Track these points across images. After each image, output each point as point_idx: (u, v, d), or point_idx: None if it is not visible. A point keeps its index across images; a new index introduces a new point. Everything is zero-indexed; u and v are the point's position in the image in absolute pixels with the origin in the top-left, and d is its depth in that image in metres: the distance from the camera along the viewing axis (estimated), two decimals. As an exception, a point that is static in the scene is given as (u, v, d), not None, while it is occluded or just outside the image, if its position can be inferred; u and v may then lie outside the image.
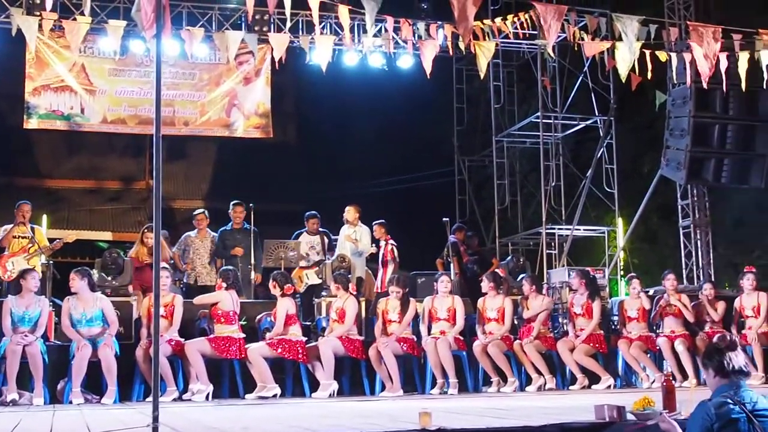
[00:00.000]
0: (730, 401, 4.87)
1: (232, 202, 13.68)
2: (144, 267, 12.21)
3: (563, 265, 16.33)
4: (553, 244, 17.66)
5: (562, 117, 18.18)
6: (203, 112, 16.35)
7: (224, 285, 10.72)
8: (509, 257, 15.34)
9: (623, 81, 11.25)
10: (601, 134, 17.72)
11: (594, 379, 11.30)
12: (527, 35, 16.20)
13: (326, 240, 13.53)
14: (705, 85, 7.74)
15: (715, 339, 5.17)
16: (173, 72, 16.13)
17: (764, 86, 11.66)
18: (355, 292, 11.45)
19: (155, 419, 4.89)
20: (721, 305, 12.06)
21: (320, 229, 13.51)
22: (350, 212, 13.25)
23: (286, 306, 10.64)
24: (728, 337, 5.11)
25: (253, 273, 13.03)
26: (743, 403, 4.87)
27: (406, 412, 6.81)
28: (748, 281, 12.05)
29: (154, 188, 5.25)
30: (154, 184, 5.26)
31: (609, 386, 11.17)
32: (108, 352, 9.83)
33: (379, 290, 12.98)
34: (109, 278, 11.69)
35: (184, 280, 13.03)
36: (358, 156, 22.76)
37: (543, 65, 17.74)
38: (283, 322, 10.55)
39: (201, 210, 13.72)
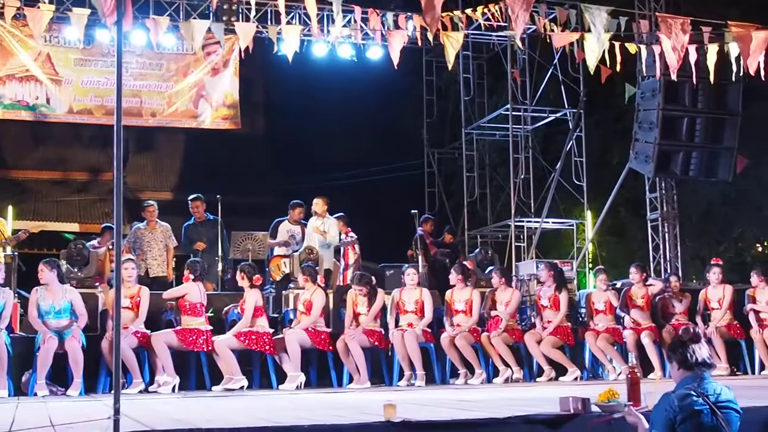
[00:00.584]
0: (693, 393, 4.87)
1: (189, 197, 13.60)
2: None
3: (532, 258, 16.35)
4: (522, 236, 17.67)
5: (531, 109, 18.19)
6: (170, 103, 16.25)
7: (192, 277, 10.65)
8: (477, 249, 15.35)
9: (591, 73, 11.24)
10: (571, 127, 17.75)
11: (561, 371, 11.31)
12: (497, 27, 16.19)
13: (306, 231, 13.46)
14: (674, 77, 7.74)
15: (680, 332, 5.18)
16: (140, 62, 16.02)
17: (732, 79, 11.70)
18: (323, 284, 11.42)
19: (116, 411, 4.83)
20: (687, 298, 12.15)
21: (302, 221, 13.42)
22: (318, 204, 13.17)
23: (254, 298, 10.59)
24: (692, 330, 5.12)
25: (219, 264, 12.97)
26: (706, 395, 4.88)
27: (372, 405, 6.77)
28: (714, 274, 12.13)
29: (114, 179, 5.17)
30: (114, 175, 5.18)
31: (575, 378, 11.19)
32: (75, 344, 9.73)
33: (341, 284, 12.94)
34: (75, 270, 11.58)
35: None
36: (327, 148, 22.75)
37: (513, 57, 17.73)
38: (251, 314, 10.50)
39: (151, 202, 13.58)
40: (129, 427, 5.04)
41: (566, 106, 17.84)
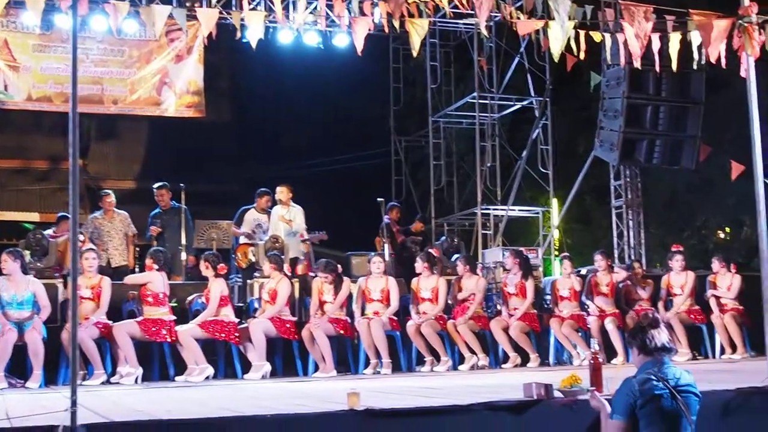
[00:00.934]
0: (653, 378, 4.92)
1: (154, 186, 13.49)
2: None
3: (498, 245, 16.38)
4: (488, 224, 17.72)
5: (498, 98, 18.22)
6: (133, 90, 16.09)
7: (155, 266, 10.57)
8: (443, 237, 15.35)
9: (556, 61, 11.23)
10: (537, 115, 17.79)
11: (527, 358, 11.35)
12: (464, 14, 16.15)
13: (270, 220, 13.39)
14: (637, 65, 7.75)
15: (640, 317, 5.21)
16: (101, 48, 15.83)
17: (695, 68, 11.70)
18: (290, 273, 11.39)
19: (73, 403, 4.77)
20: (650, 284, 12.23)
21: (269, 209, 13.34)
22: (283, 192, 13.08)
23: (219, 287, 10.53)
24: (651, 316, 5.17)
25: (184, 254, 12.89)
26: (666, 379, 4.92)
27: (336, 393, 6.75)
28: (676, 261, 12.24)
29: (70, 167, 5.10)
30: (70, 163, 5.12)
31: (538, 364, 11.23)
32: (36, 336, 9.60)
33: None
34: (34, 260, 11.43)
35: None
36: (293, 136, 22.67)
37: (480, 45, 17.73)
38: (216, 304, 10.44)
39: (108, 191, 13.46)
40: (87, 418, 4.98)
41: (532, 95, 17.86)
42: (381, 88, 20.96)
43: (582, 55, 7.57)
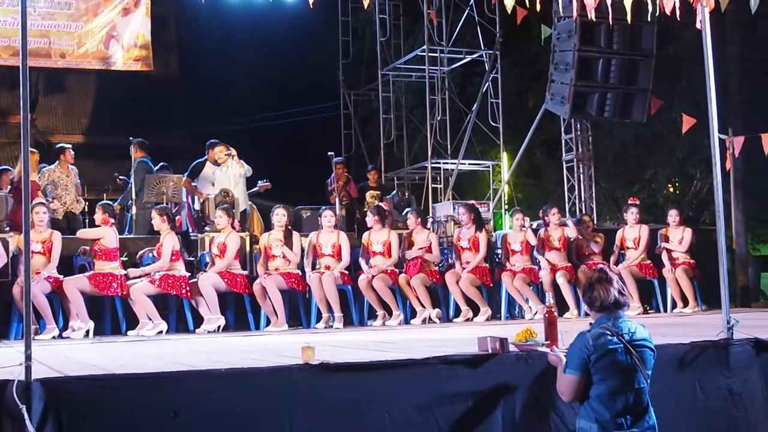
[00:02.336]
0: (608, 332, 4.95)
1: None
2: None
3: (449, 199, 16.40)
4: (438, 178, 17.73)
5: (448, 51, 18.16)
6: (81, 43, 15.87)
7: (111, 220, 10.47)
8: (394, 191, 15.32)
9: (509, 13, 11.21)
10: (487, 68, 17.76)
11: (478, 312, 11.40)
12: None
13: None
14: (591, 17, 7.73)
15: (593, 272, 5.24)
16: (48, 1, 15.60)
17: (648, 19, 11.73)
18: (239, 227, 11.34)
19: (27, 357, 4.71)
20: (601, 238, 12.30)
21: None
22: (221, 151, 12.88)
23: (171, 241, 10.46)
24: (602, 270, 5.18)
25: (134, 207, 12.80)
26: (621, 333, 4.96)
27: (290, 347, 6.73)
28: (631, 214, 12.26)
29: (21, 121, 5.01)
30: (21, 116, 5.02)
31: (487, 318, 11.30)
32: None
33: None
34: (-20, 214, 11.24)
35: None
36: (242, 90, 22.50)
37: (429, -2, 17.64)
38: (168, 258, 10.37)
39: (69, 145, 13.32)
40: (41, 373, 4.92)
41: (482, 48, 17.83)
42: (330, 41, 20.80)
43: (538, 7, 7.51)
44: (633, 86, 14.47)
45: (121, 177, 13.82)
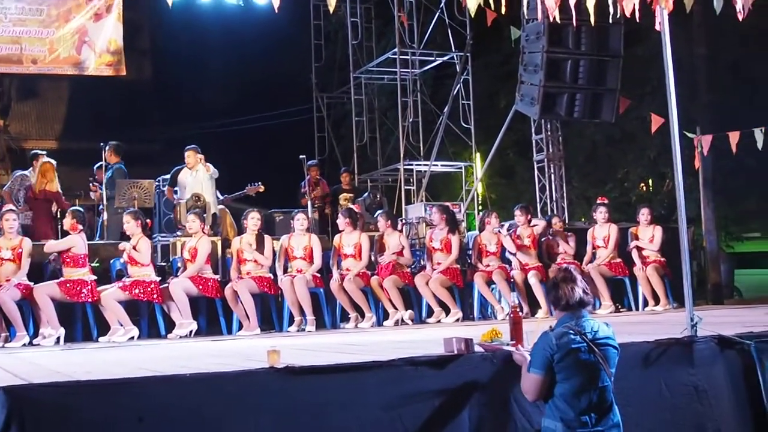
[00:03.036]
0: (571, 331, 4.98)
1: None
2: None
3: (421, 201, 16.43)
4: (411, 179, 17.76)
5: (419, 53, 18.20)
6: (52, 49, 15.86)
7: (80, 227, 10.43)
8: (366, 193, 15.34)
9: (473, 15, 11.25)
10: (458, 70, 17.82)
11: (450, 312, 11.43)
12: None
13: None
14: (551, 19, 7.75)
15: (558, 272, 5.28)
16: (19, 7, 15.57)
17: (610, 21, 11.79)
18: (211, 232, 11.34)
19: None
20: (572, 237, 12.37)
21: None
22: (190, 156, 12.84)
23: (147, 246, 10.47)
24: (568, 269, 5.22)
25: (105, 213, 12.78)
26: (584, 332, 4.99)
27: (259, 351, 6.71)
28: (600, 213, 12.34)
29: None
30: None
31: (457, 319, 11.32)
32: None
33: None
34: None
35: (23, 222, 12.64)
36: (215, 94, 22.47)
37: (400, 1, 17.66)
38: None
39: (43, 151, 13.28)
40: (6, 380, 4.92)
41: (453, 50, 17.87)
42: (302, 45, 20.81)
43: (503, 10, 7.55)
44: (602, 86, 14.55)
45: (95, 183, 13.76)
